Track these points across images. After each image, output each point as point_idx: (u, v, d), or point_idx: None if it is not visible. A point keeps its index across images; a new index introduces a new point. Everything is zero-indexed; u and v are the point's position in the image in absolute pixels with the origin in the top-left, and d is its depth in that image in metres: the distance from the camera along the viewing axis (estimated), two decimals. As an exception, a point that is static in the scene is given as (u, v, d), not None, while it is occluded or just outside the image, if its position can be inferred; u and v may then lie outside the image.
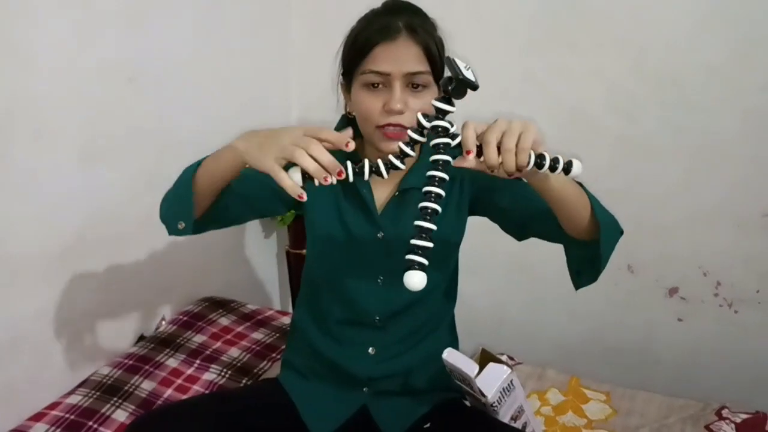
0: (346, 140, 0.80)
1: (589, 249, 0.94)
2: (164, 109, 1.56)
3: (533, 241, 1.93)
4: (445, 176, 0.78)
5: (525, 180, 0.87)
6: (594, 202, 0.92)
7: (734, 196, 1.67)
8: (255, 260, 2.01)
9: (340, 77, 1.05)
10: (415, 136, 0.80)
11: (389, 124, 0.97)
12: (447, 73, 0.78)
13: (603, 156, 1.75)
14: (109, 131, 1.43)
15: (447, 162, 0.79)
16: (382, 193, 1.09)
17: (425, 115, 0.79)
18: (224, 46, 1.73)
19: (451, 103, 0.79)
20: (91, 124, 1.39)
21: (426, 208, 0.77)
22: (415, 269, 0.76)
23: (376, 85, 0.97)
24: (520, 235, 1.10)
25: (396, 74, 0.95)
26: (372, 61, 0.96)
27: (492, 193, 1.07)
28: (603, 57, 1.70)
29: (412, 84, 0.97)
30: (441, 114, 0.79)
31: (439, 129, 0.79)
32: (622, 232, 0.97)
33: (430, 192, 0.77)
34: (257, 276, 2.04)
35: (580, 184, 0.92)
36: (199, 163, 0.99)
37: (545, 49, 1.75)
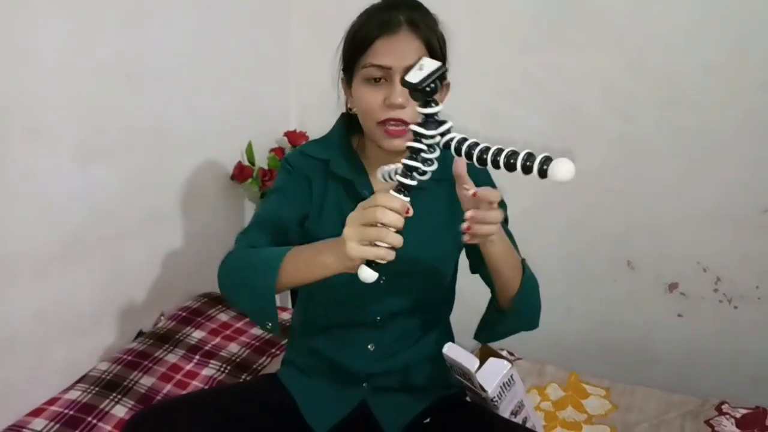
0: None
1: (500, 315, 1.05)
2: (162, 107, 1.56)
3: (531, 238, 1.93)
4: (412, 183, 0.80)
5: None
6: (527, 288, 1.01)
7: (733, 194, 1.67)
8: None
9: (341, 73, 1.05)
10: (415, 144, 0.79)
11: (390, 120, 0.96)
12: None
13: (601, 155, 1.76)
14: (107, 129, 1.42)
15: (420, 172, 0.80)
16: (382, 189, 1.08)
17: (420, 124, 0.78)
18: (223, 44, 1.73)
19: (429, 106, 0.77)
20: (89, 122, 1.38)
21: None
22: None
23: (377, 79, 0.96)
24: (473, 268, 1.14)
25: (397, 68, 0.95)
26: (373, 55, 0.96)
27: None
28: (601, 56, 1.70)
29: None
30: (426, 125, 0.78)
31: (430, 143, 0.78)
32: (534, 328, 1.06)
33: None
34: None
35: (525, 269, 1.01)
36: (274, 264, 0.90)
37: (544, 48, 1.75)
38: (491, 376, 1.05)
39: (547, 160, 0.70)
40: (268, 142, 1.97)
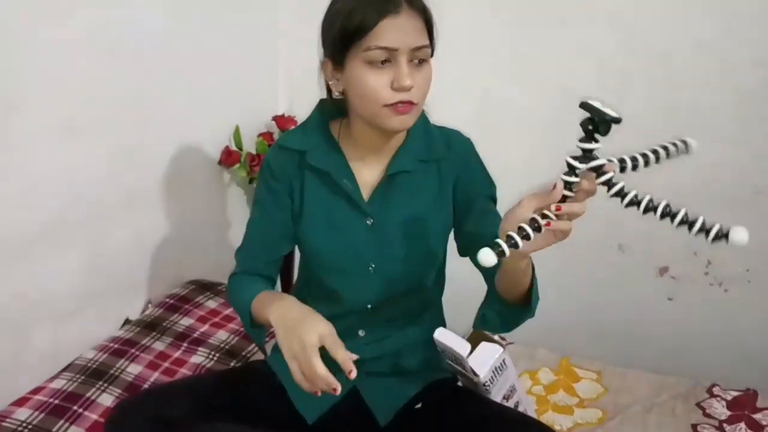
0: (335, 385, 0.92)
1: (505, 308, 1.01)
2: (146, 85, 1.52)
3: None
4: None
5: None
6: (535, 283, 0.98)
7: (723, 174, 1.66)
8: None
9: (324, 58, 1.00)
10: (570, 179, 0.81)
11: (399, 102, 0.93)
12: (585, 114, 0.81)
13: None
14: (89, 106, 1.38)
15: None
16: (367, 175, 1.06)
17: (575, 158, 0.80)
18: (210, 24, 1.68)
19: (595, 140, 0.81)
20: (71, 98, 1.34)
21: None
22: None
23: (383, 62, 0.92)
24: (464, 251, 1.11)
25: (403, 49, 0.92)
26: (377, 36, 0.91)
27: (473, 201, 1.08)
28: (593, 33, 1.68)
29: (415, 59, 0.94)
30: (587, 153, 0.81)
31: (596, 168, 0.81)
32: (532, 316, 1.02)
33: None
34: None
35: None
36: (245, 314, 1.07)
37: (535, 25, 1.72)
38: (483, 360, 1.05)
39: (722, 230, 0.74)
40: (256, 126, 1.93)
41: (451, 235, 1.13)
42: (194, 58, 1.65)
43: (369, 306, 1.09)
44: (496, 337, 1.54)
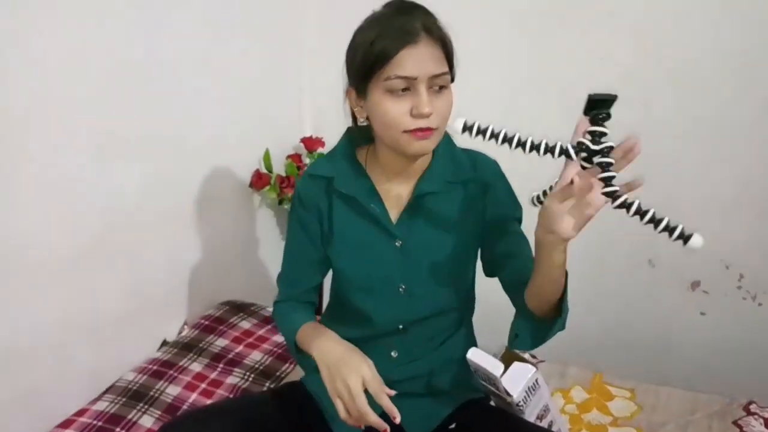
0: (384, 427, 0.98)
1: (536, 324, 1.01)
2: (180, 114, 1.57)
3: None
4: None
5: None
6: (566, 293, 0.97)
7: (753, 186, 1.64)
8: (272, 262, 2.02)
9: (348, 87, 1.03)
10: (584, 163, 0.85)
11: (419, 129, 0.96)
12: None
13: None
14: (126, 134, 1.43)
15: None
16: (395, 199, 1.09)
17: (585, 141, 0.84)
18: (238, 53, 1.74)
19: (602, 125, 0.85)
20: (108, 126, 1.39)
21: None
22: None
23: (404, 90, 0.95)
24: (491, 271, 1.13)
25: (422, 78, 0.94)
26: (397, 66, 0.94)
27: (500, 222, 1.10)
28: (616, 44, 1.67)
29: (434, 86, 0.96)
30: (597, 136, 0.84)
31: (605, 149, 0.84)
32: (563, 329, 1.02)
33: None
34: (275, 278, 2.04)
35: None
36: (291, 346, 1.15)
37: (556, 35, 1.73)
38: (516, 380, 1.05)
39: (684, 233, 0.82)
40: (285, 148, 1.98)
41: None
42: (224, 85, 1.71)
43: (400, 326, 1.10)
44: (527, 356, 1.55)
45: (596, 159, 0.83)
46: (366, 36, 0.97)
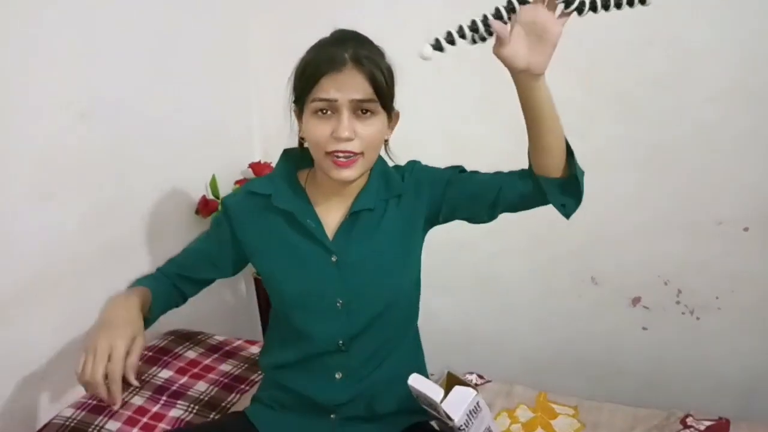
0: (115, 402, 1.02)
1: (563, 181, 1.01)
2: (121, 141, 1.54)
3: (496, 257, 1.94)
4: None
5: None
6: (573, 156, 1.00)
7: (686, 205, 1.72)
8: (220, 289, 1.99)
9: (292, 104, 1.07)
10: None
11: (338, 151, 0.99)
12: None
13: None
14: (63, 167, 1.40)
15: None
16: (332, 217, 1.11)
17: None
18: (182, 77, 1.72)
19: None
20: (43, 160, 1.36)
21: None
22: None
23: (324, 111, 0.99)
24: (491, 214, 1.09)
25: (342, 101, 0.98)
26: (320, 89, 0.99)
27: (451, 189, 1.10)
28: (552, 75, 1.73)
29: (361, 110, 0.99)
30: None
31: None
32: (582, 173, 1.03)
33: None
34: (223, 305, 2.02)
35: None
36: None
37: (499, 68, 1.77)
38: (457, 404, 1.06)
39: None
40: (233, 173, 1.96)
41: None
42: (168, 113, 1.69)
43: (340, 342, 1.11)
44: (473, 376, 1.56)
45: None
46: (303, 60, 1.04)
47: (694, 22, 1.59)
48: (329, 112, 0.99)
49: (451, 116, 1.86)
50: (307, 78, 1.00)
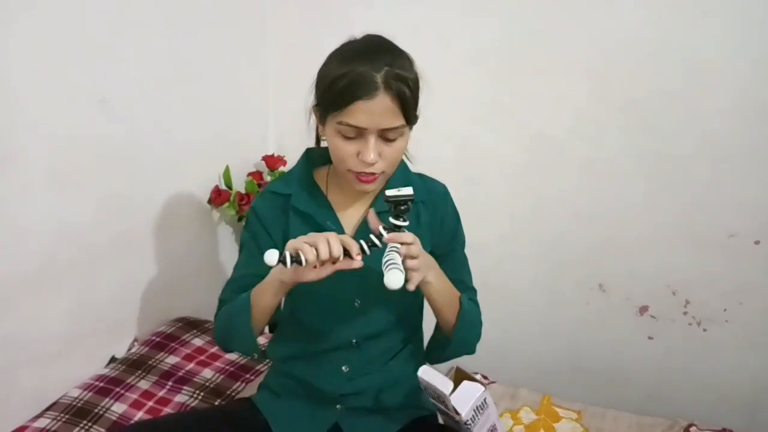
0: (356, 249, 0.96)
1: (444, 343, 1.13)
2: (137, 131, 1.56)
3: (505, 263, 1.95)
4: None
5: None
6: (464, 322, 1.10)
7: (694, 217, 1.71)
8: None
9: (313, 105, 1.05)
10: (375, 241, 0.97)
11: (363, 173, 1.00)
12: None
13: (571, 180, 1.80)
14: (80, 154, 1.42)
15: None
16: (351, 219, 1.12)
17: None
18: (200, 69, 1.74)
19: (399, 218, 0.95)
20: (62, 146, 1.37)
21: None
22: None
23: (350, 135, 0.98)
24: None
25: (372, 129, 0.97)
26: (350, 114, 0.96)
27: (446, 247, 1.16)
28: (568, 84, 1.74)
29: (385, 136, 0.99)
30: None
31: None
32: (471, 353, 1.16)
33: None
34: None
35: (463, 305, 1.10)
36: (245, 307, 1.06)
37: (512, 75, 1.79)
38: (465, 399, 1.06)
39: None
40: (246, 166, 1.97)
41: None
42: (186, 104, 1.70)
43: (354, 341, 1.11)
44: (478, 376, 1.56)
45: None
46: (331, 70, 0.98)
47: (706, 36, 1.59)
48: (355, 135, 0.98)
49: (464, 121, 1.87)
50: (336, 97, 0.96)
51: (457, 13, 1.78)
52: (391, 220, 0.95)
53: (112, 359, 1.58)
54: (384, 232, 0.96)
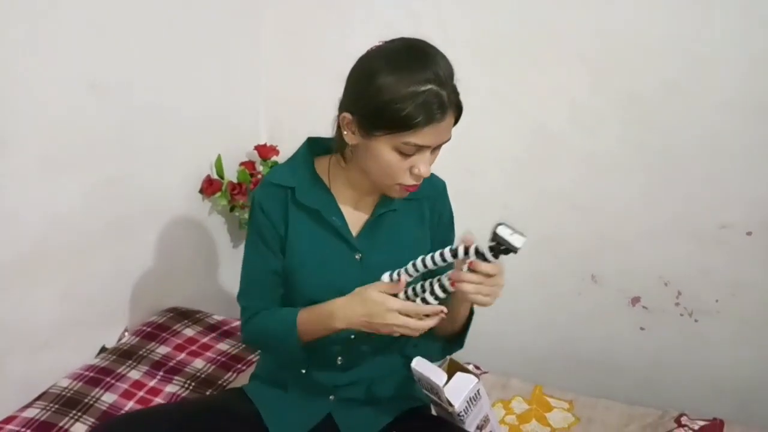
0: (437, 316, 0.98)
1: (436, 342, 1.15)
2: (128, 117, 1.54)
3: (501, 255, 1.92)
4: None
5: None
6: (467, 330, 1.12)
7: (690, 210, 1.72)
8: (222, 270, 1.99)
9: (346, 112, 0.99)
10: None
11: (413, 185, 1.01)
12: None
13: (568, 173, 1.79)
14: (72, 139, 1.40)
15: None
16: (357, 218, 1.10)
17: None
18: (192, 57, 1.72)
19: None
20: (52, 131, 1.36)
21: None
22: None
23: (410, 153, 0.97)
24: None
25: (433, 146, 0.98)
26: (418, 136, 0.94)
27: (437, 243, 1.13)
28: (567, 76, 1.73)
29: (437, 147, 1.00)
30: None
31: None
32: (459, 348, 1.16)
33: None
34: (224, 286, 2.02)
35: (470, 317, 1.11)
36: (292, 332, 1.07)
37: (510, 66, 1.78)
38: (458, 390, 1.06)
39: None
40: (238, 155, 1.96)
41: None
42: (177, 92, 1.68)
43: (353, 336, 1.10)
44: (471, 366, 1.57)
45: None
46: (393, 87, 0.93)
47: (706, 29, 1.58)
48: (414, 152, 0.97)
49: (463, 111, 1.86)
50: (403, 119, 0.92)
51: (456, 3, 1.76)
52: (485, 252, 0.93)
53: (103, 349, 1.57)
54: (472, 253, 0.94)
